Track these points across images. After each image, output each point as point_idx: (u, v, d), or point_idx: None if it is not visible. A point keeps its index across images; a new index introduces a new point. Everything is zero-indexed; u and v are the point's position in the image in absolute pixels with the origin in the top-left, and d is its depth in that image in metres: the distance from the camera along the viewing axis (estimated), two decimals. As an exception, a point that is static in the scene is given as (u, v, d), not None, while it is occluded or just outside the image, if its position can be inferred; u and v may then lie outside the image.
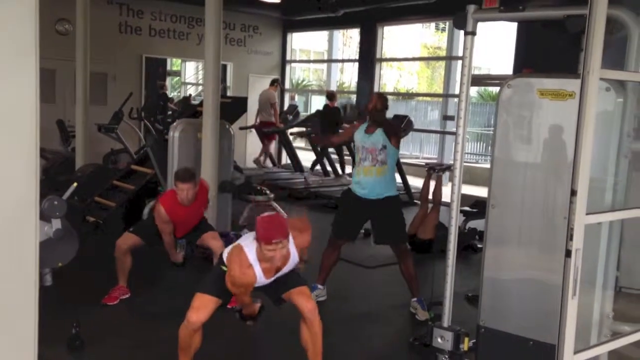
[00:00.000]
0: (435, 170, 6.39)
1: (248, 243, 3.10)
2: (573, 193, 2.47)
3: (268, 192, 6.80)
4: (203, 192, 4.60)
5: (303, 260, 3.28)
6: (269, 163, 11.83)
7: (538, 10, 2.97)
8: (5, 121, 1.34)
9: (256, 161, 11.61)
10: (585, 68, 2.40)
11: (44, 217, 3.02)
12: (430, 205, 6.32)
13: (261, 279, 3.12)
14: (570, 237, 2.47)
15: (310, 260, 4.64)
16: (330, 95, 10.36)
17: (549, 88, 2.63)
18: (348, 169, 10.82)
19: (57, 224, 3.10)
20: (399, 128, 4.71)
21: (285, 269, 3.19)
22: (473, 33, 2.96)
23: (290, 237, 3.09)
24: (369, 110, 4.57)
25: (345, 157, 10.81)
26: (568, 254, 2.48)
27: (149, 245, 4.63)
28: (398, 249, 4.61)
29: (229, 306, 4.31)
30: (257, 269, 3.08)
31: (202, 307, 3.12)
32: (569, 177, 2.52)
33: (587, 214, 2.47)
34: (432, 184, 6.40)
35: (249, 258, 3.06)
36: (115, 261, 4.51)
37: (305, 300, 3.17)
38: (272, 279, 3.18)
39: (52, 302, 3.94)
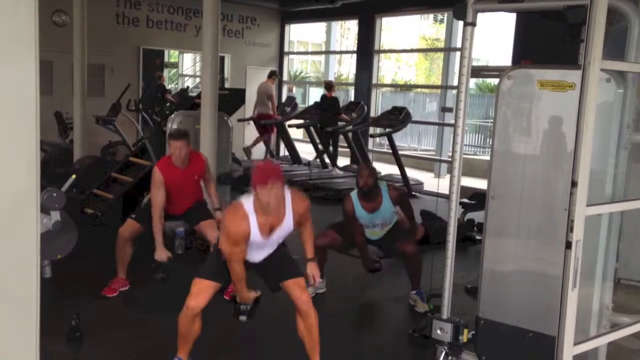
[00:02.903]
0: None
1: (246, 198, 3.06)
2: (573, 184, 2.47)
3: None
4: (199, 161, 4.62)
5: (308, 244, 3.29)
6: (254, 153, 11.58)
7: (538, 1, 2.96)
8: (6, 113, 1.34)
9: (246, 149, 11.35)
10: (586, 59, 2.39)
11: (43, 209, 3.01)
12: None
13: (256, 235, 3.03)
14: (570, 228, 2.47)
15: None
16: (328, 86, 10.32)
17: (549, 79, 2.62)
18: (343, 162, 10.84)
19: (56, 216, 3.10)
20: (408, 200, 4.79)
21: (280, 232, 3.12)
22: (473, 24, 2.93)
23: (288, 196, 3.07)
24: (361, 187, 4.42)
25: (343, 150, 10.81)
26: (568, 245, 2.49)
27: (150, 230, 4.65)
28: (408, 245, 4.53)
29: (226, 297, 4.34)
30: (253, 221, 3.00)
31: (200, 292, 3.12)
32: (569, 168, 2.52)
33: (587, 205, 2.47)
34: None
35: (246, 208, 3.01)
36: (116, 251, 4.51)
37: (299, 291, 3.16)
38: (266, 249, 3.16)
39: (52, 294, 3.94)
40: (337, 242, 4.65)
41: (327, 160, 10.46)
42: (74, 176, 3.60)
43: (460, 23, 2.98)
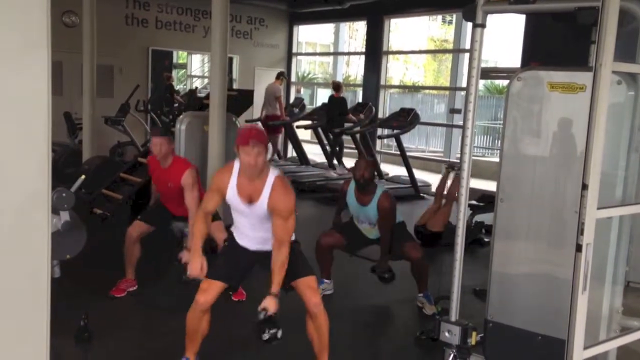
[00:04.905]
0: (454, 169, 6.49)
1: (238, 160, 3.16)
2: (584, 187, 2.45)
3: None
4: (179, 170, 4.34)
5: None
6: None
7: (549, 2, 2.94)
8: (19, 114, 1.34)
9: None
10: (597, 60, 2.38)
11: (53, 209, 3.02)
12: (443, 201, 6.43)
13: (233, 194, 3.11)
14: (581, 231, 2.46)
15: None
16: (336, 86, 10.31)
17: (559, 81, 2.60)
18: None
19: (65, 216, 3.10)
20: (393, 216, 4.51)
21: (258, 209, 3.09)
22: (482, 25, 2.92)
23: (271, 180, 3.08)
24: (357, 180, 4.45)
25: (349, 151, 10.80)
26: (579, 248, 2.47)
27: (159, 230, 4.67)
28: (414, 250, 4.50)
29: (234, 298, 4.34)
30: (234, 178, 3.12)
31: (209, 289, 3.15)
32: (579, 171, 2.50)
33: (598, 208, 2.46)
34: (449, 182, 6.54)
35: (234, 166, 3.15)
36: (125, 251, 4.52)
37: (311, 293, 3.16)
38: (253, 223, 3.16)
39: (60, 294, 3.96)
40: (341, 242, 4.66)
41: (335, 161, 10.46)
42: (83, 176, 3.60)
43: (469, 24, 2.97)
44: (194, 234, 3.27)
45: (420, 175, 9.95)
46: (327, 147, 10.48)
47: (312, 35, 19.58)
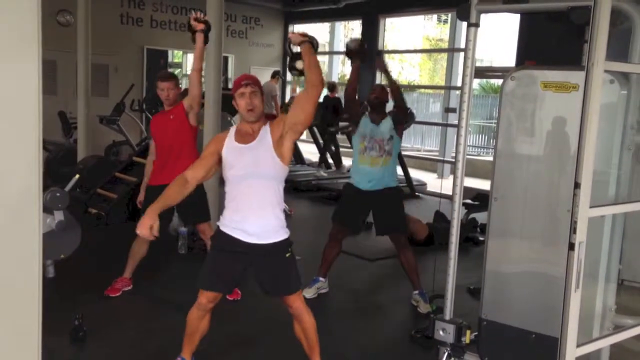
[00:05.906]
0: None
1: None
2: (577, 186, 2.46)
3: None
4: (181, 104, 4.54)
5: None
6: None
7: (542, 2, 2.95)
8: (8, 112, 1.34)
9: None
10: (589, 60, 2.39)
11: (47, 209, 3.01)
12: None
13: (231, 142, 3.03)
14: (573, 230, 2.47)
15: (307, 258, 4.66)
16: (331, 87, 10.33)
17: (552, 80, 2.61)
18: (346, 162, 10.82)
19: (59, 215, 3.09)
20: (404, 116, 4.77)
21: (259, 142, 2.99)
22: (476, 25, 2.93)
23: (268, 126, 3.05)
24: (371, 100, 4.60)
25: (346, 150, 10.80)
26: (571, 247, 2.48)
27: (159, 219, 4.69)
28: (397, 241, 4.61)
29: (229, 297, 4.34)
30: (231, 133, 3.08)
31: (207, 292, 3.12)
32: (572, 170, 2.51)
33: (590, 207, 2.47)
34: None
35: (230, 129, 3.14)
36: (133, 247, 4.48)
37: (292, 299, 3.12)
38: (246, 159, 2.99)
39: (55, 293, 3.96)
40: (347, 232, 4.76)
41: (330, 160, 10.47)
42: (77, 176, 3.58)
43: (464, 24, 2.98)
44: (162, 194, 2.91)
45: (415, 174, 9.96)
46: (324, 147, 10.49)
47: (307, 35, 19.56)
